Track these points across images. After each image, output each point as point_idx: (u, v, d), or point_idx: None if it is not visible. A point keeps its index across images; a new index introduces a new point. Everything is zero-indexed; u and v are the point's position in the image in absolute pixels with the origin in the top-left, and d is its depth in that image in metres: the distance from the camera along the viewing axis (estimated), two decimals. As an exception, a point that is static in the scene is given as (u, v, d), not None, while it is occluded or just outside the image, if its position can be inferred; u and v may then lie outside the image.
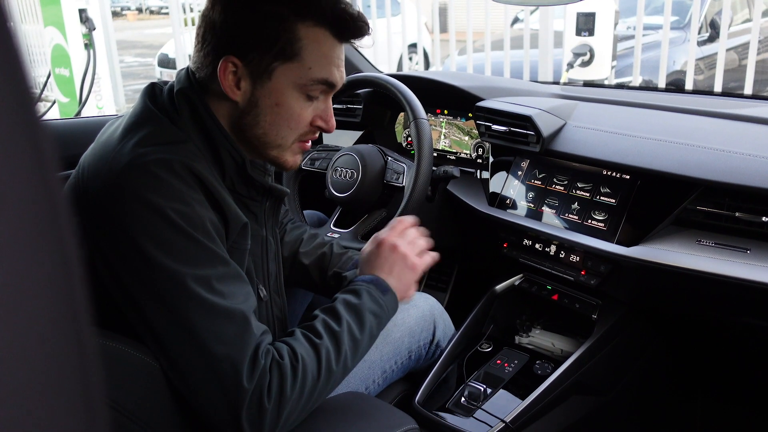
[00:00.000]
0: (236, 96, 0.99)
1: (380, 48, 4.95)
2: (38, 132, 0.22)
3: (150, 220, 0.87)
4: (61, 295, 0.24)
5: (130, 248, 0.87)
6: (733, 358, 1.67)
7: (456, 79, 1.84)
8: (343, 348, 0.99)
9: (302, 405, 0.94)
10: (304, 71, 0.99)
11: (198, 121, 0.99)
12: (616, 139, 1.45)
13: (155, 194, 0.88)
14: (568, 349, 1.49)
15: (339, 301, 1.05)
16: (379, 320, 1.06)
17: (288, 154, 1.06)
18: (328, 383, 0.97)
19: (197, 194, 0.92)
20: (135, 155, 0.90)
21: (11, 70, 0.21)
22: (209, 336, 0.88)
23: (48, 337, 0.24)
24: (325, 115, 1.05)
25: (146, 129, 0.94)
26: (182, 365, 0.90)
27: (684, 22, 4.94)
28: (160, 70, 7.65)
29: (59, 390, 0.25)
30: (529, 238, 1.53)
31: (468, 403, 1.35)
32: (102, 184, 0.90)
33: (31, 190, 0.22)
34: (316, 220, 1.79)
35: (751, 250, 1.21)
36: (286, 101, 1.00)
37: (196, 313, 0.88)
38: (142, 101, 1.00)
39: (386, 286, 1.09)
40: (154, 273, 0.87)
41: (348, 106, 2.00)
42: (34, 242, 0.23)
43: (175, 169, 0.90)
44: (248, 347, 0.90)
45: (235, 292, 0.93)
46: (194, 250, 0.89)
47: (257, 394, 0.89)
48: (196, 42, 1.02)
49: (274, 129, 1.01)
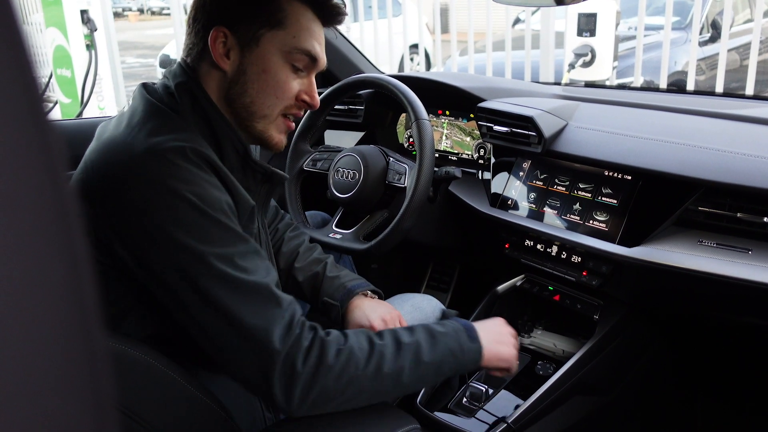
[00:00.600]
0: (226, 65, 1.04)
1: (381, 49, 4.95)
2: (48, 132, 0.23)
3: (172, 205, 0.90)
4: (71, 296, 0.24)
5: (154, 233, 0.90)
6: (735, 359, 1.67)
7: (457, 79, 1.84)
8: (402, 361, 1.00)
9: (340, 389, 0.94)
10: (289, 39, 1.05)
11: (199, 112, 1.03)
12: (617, 139, 1.45)
13: (174, 180, 0.91)
14: (569, 349, 1.49)
15: (422, 323, 1.10)
16: (454, 359, 1.07)
17: (273, 129, 1.10)
18: (375, 382, 0.97)
19: (212, 178, 0.96)
20: (150, 144, 0.93)
21: (22, 71, 0.22)
22: (239, 310, 0.91)
23: (58, 339, 0.24)
24: (309, 91, 1.10)
25: (153, 121, 0.97)
26: (216, 340, 0.93)
27: (685, 22, 4.94)
28: (161, 71, 7.66)
29: (70, 391, 0.25)
30: (530, 238, 1.54)
31: (470, 404, 1.36)
32: (116, 174, 0.93)
33: (41, 191, 0.23)
34: (319, 221, 1.80)
35: (752, 251, 1.22)
36: (272, 68, 1.05)
37: (223, 290, 0.91)
38: (142, 98, 1.03)
39: (476, 337, 1.11)
40: (179, 254, 0.91)
41: (350, 107, 2.01)
42: (44, 243, 0.23)
43: (189, 155, 0.94)
44: (278, 316, 0.93)
45: (257, 268, 0.96)
46: (216, 230, 0.93)
47: (291, 358, 0.91)
48: (187, 27, 1.08)
49: (260, 97, 1.06)
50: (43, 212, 0.23)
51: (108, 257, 0.95)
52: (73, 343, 0.25)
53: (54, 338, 0.24)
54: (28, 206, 0.23)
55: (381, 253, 1.51)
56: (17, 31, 0.22)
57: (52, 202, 0.23)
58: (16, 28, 0.22)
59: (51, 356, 0.25)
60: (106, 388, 0.27)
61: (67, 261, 0.24)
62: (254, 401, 1.17)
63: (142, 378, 0.92)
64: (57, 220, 0.24)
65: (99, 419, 0.27)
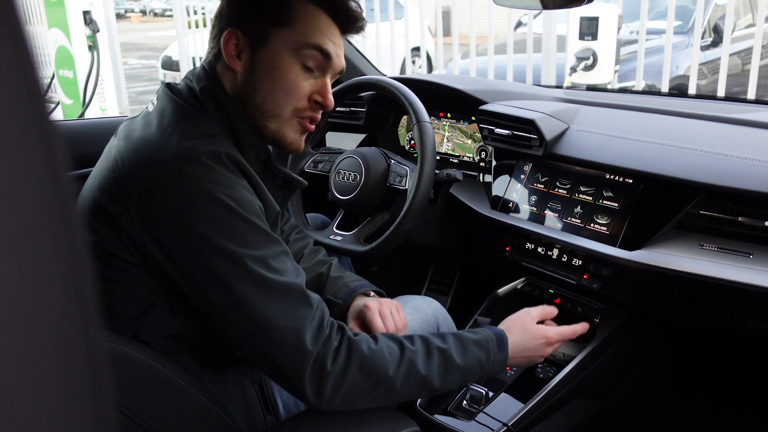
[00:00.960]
0: (237, 66, 1.05)
1: (383, 51, 4.96)
2: (50, 132, 0.23)
3: (207, 208, 0.92)
4: (71, 297, 0.24)
5: (191, 236, 0.92)
6: (735, 362, 1.67)
7: (459, 82, 1.84)
8: (432, 366, 1.04)
9: (368, 388, 0.98)
10: (298, 35, 1.05)
11: (223, 116, 1.04)
12: (619, 143, 1.45)
13: (210, 183, 0.92)
14: (570, 352, 1.49)
15: (453, 331, 1.13)
16: (481, 369, 1.11)
17: (287, 129, 1.09)
18: (404, 385, 1.01)
19: (243, 182, 0.98)
20: (184, 148, 0.94)
21: (25, 72, 0.22)
22: (272, 311, 0.93)
23: (58, 340, 0.24)
24: (322, 91, 1.10)
25: (184, 124, 0.98)
26: (248, 340, 0.95)
27: (687, 26, 4.94)
28: (163, 73, 7.67)
29: (69, 392, 0.25)
30: (531, 241, 1.53)
31: (470, 407, 1.35)
32: (151, 176, 0.93)
33: (42, 190, 0.23)
34: (320, 223, 1.80)
35: (753, 255, 1.21)
36: (281, 65, 1.05)
37: (257, 291, 0.93)
38: (169, 99, 1.03)
39: (505, 344, 1.16)
40: (216, 257, 0.92)
41: (351, 109, 2.01)
42: (44, 244, 0.23)
43: (222, 159, 0.95)
44: (309, 316, 0.96)
45: (289, 269, 0.99)
46: (250, 232, 0.95)
47: (321, 358, 0.95)
48: (210, 36, 1.10)
49: (271, 95, 1.06)
50: (43, 212, 0.23)
51: (138, 257, 0.96)
52: (73, 343, 0.25)
53: (53, 338, 0.24)
54: (28, 205, 0.23)
55: (382, 255, 1.51)
56: (20, 31, 0.22)
57: (53, 201, 0.23)
58: (19, 28, 0.22)
59: (50, 356, 0.24)
60: (106, 389, 0.27)
61: (67, 261, 0.24)
62: (255, 404, 1.17)
63: (143, 379, 0.92)
64: (57, 220, 0.24)
65: (98, 419, 0.27)
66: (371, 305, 1.25)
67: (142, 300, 0.99)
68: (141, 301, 0.99)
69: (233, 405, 1.12)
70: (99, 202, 0.96)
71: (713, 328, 1.52)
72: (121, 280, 0.97)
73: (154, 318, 1.00)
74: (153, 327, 1.01)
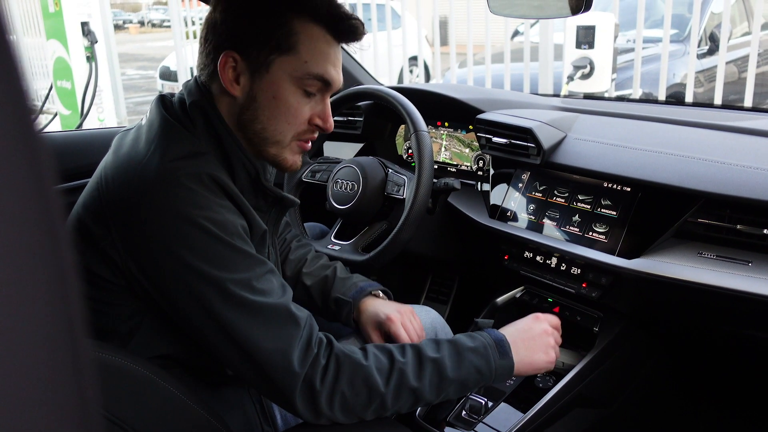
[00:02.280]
0: (236, 91, 1.02)
1: (381, 60, 4.97)
2: (36, 144, 0.22)
3: (187, 231, 0.90)
4: (56, 307, 0.24)
5: (169, 258, 0.90)
6: (735, 371, 1.67)
7: (457, 91, 1.84)
8: (423, 378, 1.02)
9: (361, 402, 0.97)
10: (300, 64, 1.02)
11: (212, 132, 1.02)
12: (616, 151, 1.45)
13: (189, 206, 0.91)
14: (569, 361, 1.48)
15: (451, 338, 1.10)
16: (480, 376, 1.07)
17: (287, 153, 1.08)
18: (395, 398, 1.00)
19: (226, 202, 0.96)
20: (166, 169, 0.92)
21: (11, 83, 0.21)
22: (258, 334, 0.92)
23: (43, 350, 0.24)
24: (323, 114, 1.07)
25: (168, 141, 0.97)
26: (235, 363, 0.94)
27: (683, 35, 4.95)
28: (161, 83, 7.68)
29: (54, 402, 0.24)
30: (530, 250, 1.53)
31: (469, 417, 1.34)
32: (133, 195, 0.92)
33: (28, 202, 0.22)
34: (318, 232, 1.79)
35: (752, 263, 1.21)
36: (282, 94, 1.02)
37: (242, 315, 0.92)
38: (159, 113, 1.01)
39: (507, 350, 1.11)
40: (195, 281, 0.91)
41: (349, 119, 2.01)
42: (30, 254, 0.23)
43: (204, 180, 0.94)
44: (296, 336, 0.95)
45: (274, 288, 0.97)
46: (232, 255, 0.93)
47: (309, 378, 0.94)
48: (200, 46, 1.05)
49: (272, 124, 1.03)
50: (29, 223, 0.23)
51: (121, 278, 0.95)
52: (59, 354, 0.25)
53: (39, 349, 0.24)
54: (14, 217, 0.22)
55: (380, 264, 1.50)
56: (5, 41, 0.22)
57: (39, 212, 0.23)
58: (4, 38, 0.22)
59: (36, 367, 0.24)
60: (92, 399, 0.26)
61: (53, 271, 0.24)
62: (253, 415, 1.16)
63: (140, 391, 0.91)
64: (44, 232, 0.23)
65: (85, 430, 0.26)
66: (394, 317, 1.25)
67: (129, 319, 0.99)
68: (128, 320, 0.99)
69: (231, 416, 1.11)
70: (83, 220, 0.96)
71: (713, 336, 1.51)
72: (105, 300, 0.97)
73: (143, 337, 1.00)
74: (142, 346, 1.00)
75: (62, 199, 0.26)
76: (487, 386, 1.33)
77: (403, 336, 1.22)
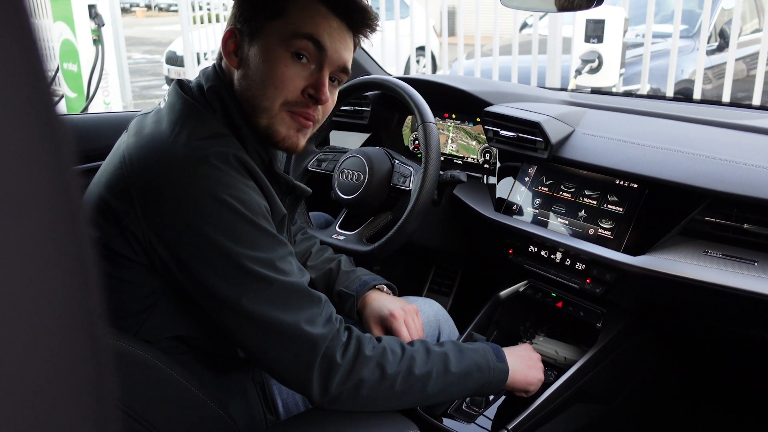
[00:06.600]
0: (233, 62, 1.05)
1: (388, 50, 4.95)
2: (58, 129, 0.22)
3: (215, 210, 0.91)
4: (76, 296, 0.24)
5: (195, 235, 0.91)
6: (738, 369, 1.67)
7: (465, 83, 1.83)
8: (431, 366, 1.05)
9: (374, 381, 0.98)
10: (288, 25, 1.02)
11: (228, 118, 1.03)
12: (624, 147, 1.45)
13: (218, 184, 0.92)
14: (571, 357, 1.48)
15: (451, 340, 1.15)
16: (480, 374, 1.12)
17: (278, 124, 1.05)
18: (405, 384, 1.02)
19: (251, 183, 0.98)
20: (193, 148, 0.94)
21: (32, 66, 0.21)
22: (280, 310, 0.94)
23: (62, 339, 0.24)
24: (317, 84, 1.05)
25: (193, 123, 0.98)
26: (256, 339, 0.95)
27: (693, 30, 4.92)
28: (168, 68, 7.67)
29: (72, 392, 0.24)
30: (534, 244, 1.53)
31: (470, 409, 1.35)
32: (159, 176, 0.93)
33: (49, 189, 0.22)
34: (322, 222, 1.79)
35: (758, 263, 1.21)
36: (271, 57, 1.02)
37: (263, 291, 0.93)
38: (180, 97, 1.03)
39: (503, 357, 1.18)
40: (221, 258, 0.92)
41: (356, 108, 2.00)
42: (51, 243, 0.23)
43: (230, 160, 0.95)
44: (317, 312, 0.97)
45: (294, 270, 0.99)
46: (257, 234, 0.95)
47: (330, 351, 0.96)
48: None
49: (260, 88, 1.03)
50: (49, 209, 0.23)
51: (142, 255, 0.95)
52: (77, 342, 0.24)
53: (57, 337, 0.24)
54: (34, 203, 0.22)
55: (384, 255, 1.50)
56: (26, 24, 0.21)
57: (59, 198, 0.23)
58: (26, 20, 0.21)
59: (54, 356, 0.24)
60: (109, 388, 0.26)
61: (73, 260, 0.23)
62: (256, 403, 1.17)
63: (145, 378, 0.91)
64: (63, 218, 0.23)
65: (101, 419, 0.26)
66: (397, 314, 1.25)
67: (145, 298, 0.99)
68: (143, 299, 0.99)
69: (234, 404, 1.11)
70: (105, 199, 0.95)
71: (716, 335, 1.51)
72: (123, 278, 0.97)
73: (156, 317, 1.00)
74: (155, 326, 1.00)
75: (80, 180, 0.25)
76: (484, 394, 1.34)
77: (404, 333, 1.23)
